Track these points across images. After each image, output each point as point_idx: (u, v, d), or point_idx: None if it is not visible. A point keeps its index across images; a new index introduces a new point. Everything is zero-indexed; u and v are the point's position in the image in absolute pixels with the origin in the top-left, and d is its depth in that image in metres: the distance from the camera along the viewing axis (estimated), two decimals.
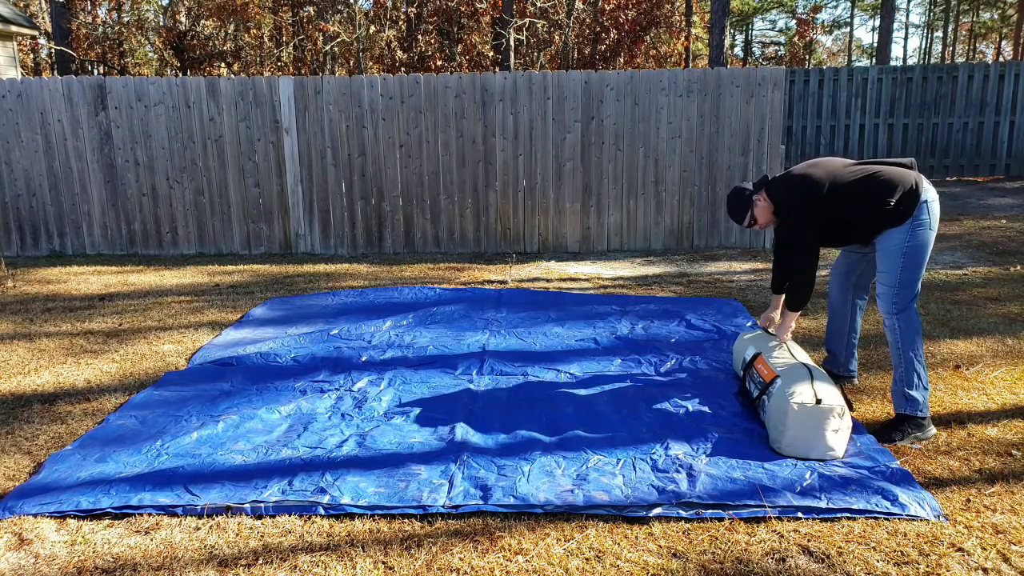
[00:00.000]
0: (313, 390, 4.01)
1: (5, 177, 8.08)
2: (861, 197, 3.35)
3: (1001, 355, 4.43)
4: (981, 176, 12.65)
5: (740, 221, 3.69)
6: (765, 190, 3.62)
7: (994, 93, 12.46)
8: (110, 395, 4.09)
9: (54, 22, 19.98)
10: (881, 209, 3.32)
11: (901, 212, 3.30)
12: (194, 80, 7.91)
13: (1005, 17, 34.32)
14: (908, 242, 3.32)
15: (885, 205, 3.30)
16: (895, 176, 3.33)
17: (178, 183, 8.06)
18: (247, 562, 2.54)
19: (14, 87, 7.90)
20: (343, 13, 21.15)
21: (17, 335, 5.26)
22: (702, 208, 8.00)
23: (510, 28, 16.98)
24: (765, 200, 3.62)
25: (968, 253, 7.35)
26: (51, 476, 3.07)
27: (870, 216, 3.36)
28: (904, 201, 3.29)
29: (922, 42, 45.93)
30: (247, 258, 8.00)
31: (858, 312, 3.89)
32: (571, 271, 7.16)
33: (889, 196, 3.30)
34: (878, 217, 3.34)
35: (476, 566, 2.49)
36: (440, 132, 7.91)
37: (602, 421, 3.54)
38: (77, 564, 2.54)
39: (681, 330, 5.00)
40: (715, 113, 7.81)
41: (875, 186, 3.33)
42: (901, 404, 3.39)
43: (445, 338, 4.89)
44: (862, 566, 2.45)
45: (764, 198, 3.62)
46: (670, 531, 2.68)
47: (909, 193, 3.29)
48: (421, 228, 8.13)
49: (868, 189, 3.34)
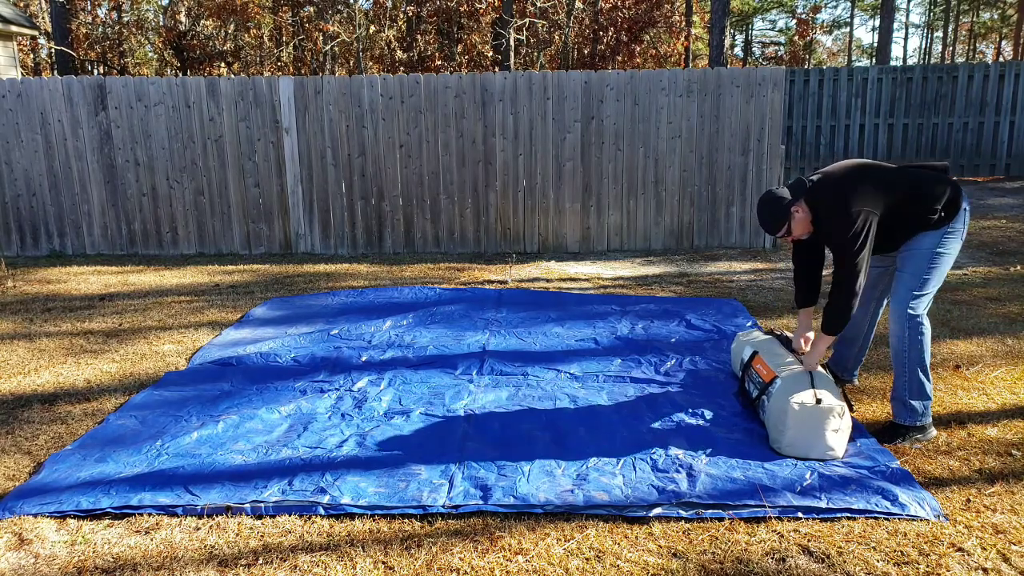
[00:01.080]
0: (313, 390, 4.01)
1: (5, 177, 8.08)
2: (912, 208, 3.20)
3: (1001, 355, 4.43)
4: (981, 176, 12.65)
5: (774, 232, 3.32)
6: (804, 199, 3.29)
7: (994, 93, 12.45)
8: (110, 395, 4.09)
9: (54, 22, 19.98)
10: (925, 218, 3.20)
11: (942, 219, 3.21)
12: (194, 80, 7.91)
13: (1005, 17, 34.32)
14: (938, 247, 3.23)
15: (932, 214, 3.19)
16: (941, 184, 3.22)
17: (178, 183, 8.06)
18: (247, 562, 2.54)
19: (14, 87, 7.90)
20: (343, 13, 21.15)
21: (17, 335, 5.26)
22: (702, 208, 8.00)
23: (510, 28, 16.99)
24: (804, 211, 3.28)
25: (968, 253, 7.35)
26: (51, 476, 3.07)
27: (915, 225, 3.23)
28: (947, 208, 3.21)
29: (922, 42, 45.94)
30: (247, 258, 8.00)
31: (873, 326, 3.73)
32: (571, 271, 7.16)
33: (937, 205, 3.19)
34: (919, 224, 3.22)
35: (476, 566, 2.49)
36: (440, 132, 7.91)
37: (602, 421, 3.54)
38: (77, 564, 2.54)
39: (681, 330, 5.00)
40: (715, 113, 7.80)
41: (926, 198, 3.19)
42: (900, 413, 3.34)
43: (445, 338, 4.89)
44: (862, 566, 2.45)
45: (804, 209, 3.28)
46: (670, 531, 2.68)
47: (952, 200, 3.21)
48: (421, 228, 8.13)
49: (920, 201, 3.19)
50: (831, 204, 3.20)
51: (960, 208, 3.24)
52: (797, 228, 3.31)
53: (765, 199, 3.34)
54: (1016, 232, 8.35)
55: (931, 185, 3.23)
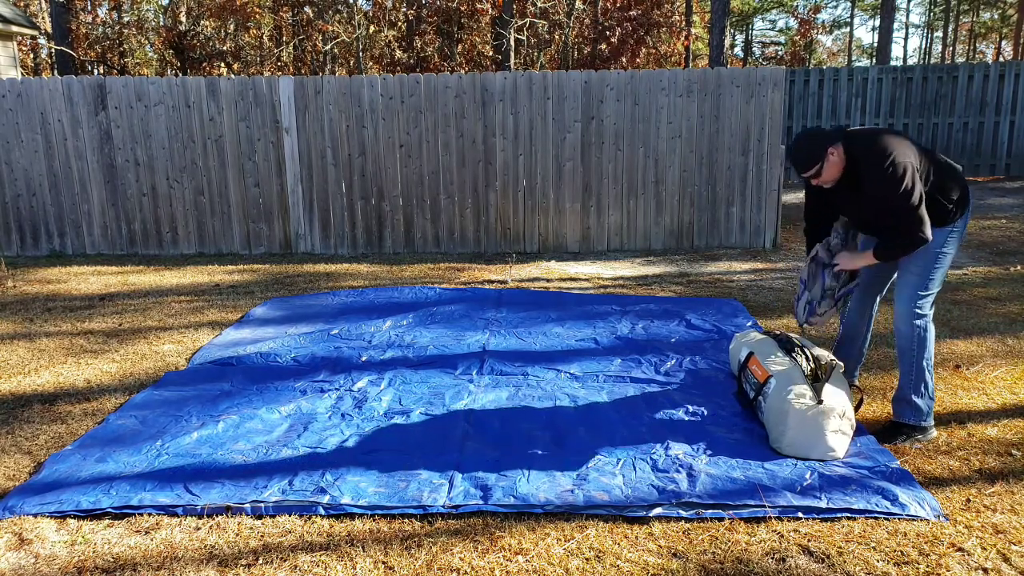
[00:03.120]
0: (313, 390, 4.01)
1: (5, 177, 8.08)
2: (934, 190, 3.15)
3: (1001, 355, 4.43)
4: (981, 176, 12.65)
5: (806, 170, 3.20)
6: (844, 144, 3.18)
7: (994, 93, 12.46)
8: (110, 395, 4.09)
9: (54, 22, 19.98)
10: (941, 208, 3.15)
11: (953, 215, 3.18)
12: (194, 80, 7.91)
13: (1005, 17, 34.31)
14: (943, 247, 3.21)
15: (948, 204, 3.16)
16: (958, 178, 3.19)
17: (178, 183, 8.06)
18: (247, 562, 2.54)
19: (14, 87, 7.90)
20: (343, 13, 21.15)
21: (17, 335, 5.26)
22: (702, 208, 8.00)
23: (510, 28, 16.98)
24: (840, 156, 3.17)
25: (968, 253, 7.35)
26: (51, 476, 3.08)
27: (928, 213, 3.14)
28: (958, 204, 3.18)
29: (922, 42, 45.95)
30: (247, 258, 8.00)
31: (871, 323, 3.71)
32: (571, 271, 7.16)
33: (954, 195, 3.16)
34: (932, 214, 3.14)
35: (476, 566, 2.49)
36: (440, 132, 7.91)
37: (602, 421, 3.54)
38: (77, 564, 2.54)
39: (681, 330, 5.00)
40: (715, 113, 7.80)
41: (945, 186, 3.15)
42: (905, 412, 3.32)
43: (445, 338, 4.89)
44: (862, 566, 2.45)
45: (839, 152, 3.16)
46: (670, 531, 2.68)
47: (963, 197, 3.19)
48: (421, 228, 8.13)
49: (941, 185, 3.15)
50: (874, 155, 3.09)
51: (967, 207, 3.24)
52: (829, 172, 3.20)
53: (805, 134, 3.23)
54: (1016, 232, 8.35)
55: (952, 174, 3.21)
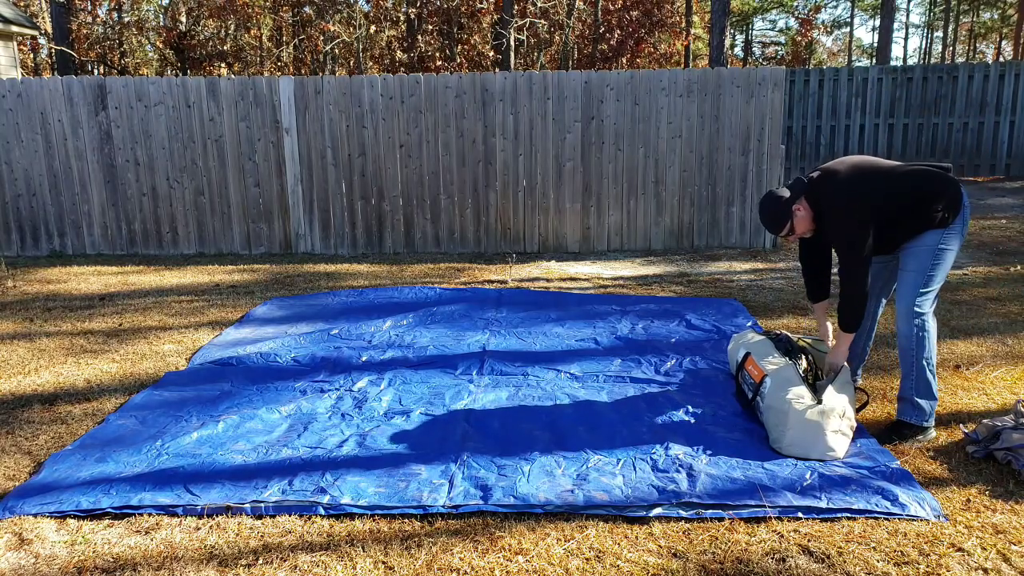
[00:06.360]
0: (313, 390, 4.01)
1: (5, 177, 8.08)
2: (913, 206, 3.19)
3: (1001, 355, 4.43)
4: (981, 176, 12.65)
5: (778, 231, 3.36)
6: (805, 196, 3.31)
7: (994, 93, 12.46)
8: (110, 395, 4.09)
9: (54, 22, 19.98)
10: (928, 217, 3.19)
11: (944, 219, 3.20)
12: (194, 80, 7.91)
13: (1005, 17, 34.31)
14: (941, 244, 3.22)
15: (934, 213, 3.19)
16: (943, 183, 3.21)
17: (178, 183, 8.06)
18: (247, 562, 2.54)
19: (14, 87, 7.90)
20: (343, 13, 21.15)
21: (17, 335, 5.26)
22: (702, 208, 8.00)
23: (510, 28, 16.98)
24: (806, 209, 3.31)
25: (968, 253, 7.35)
26: (51, 476, 3.07)
27: (916, 224, 3.21)
28: (947, 208, 3.20)
29: (922, 42, 45.94)
30: (247, 258, 8.00)
31: (875, 322, 3.72)
32: (571, 271, 7.16)
33: (938, 204, 3.18)
34: (921, 223, 3.21)
35: (476, 566, 2.49)
36: (440, 132, 7.91)
37: (602, 421, 3.54)
38: (77, 564, 2.54)
39: (681, 330, 5.00)
40: (715, 113, 7.80)
41: (927, 197, 3.18)
42: (908, 412, 3.31)
43: (445, 338, 4.89)
44: (862, 566, 2.45)
45: (804, 206, 3.30)
46: (670, 531, 2.67)
47: (953, 200, 3.20)
48: (421, 228, 8.13)
49: (921, 198, 3.19)
50: (831, 200, 3.23)
51: (961, 208, 3.24)
52: (800, 226, 3.35)
53: (766, 200, 3.38)
54: (1016, 232, 8.35)
55: (931, 183, 3.23)
